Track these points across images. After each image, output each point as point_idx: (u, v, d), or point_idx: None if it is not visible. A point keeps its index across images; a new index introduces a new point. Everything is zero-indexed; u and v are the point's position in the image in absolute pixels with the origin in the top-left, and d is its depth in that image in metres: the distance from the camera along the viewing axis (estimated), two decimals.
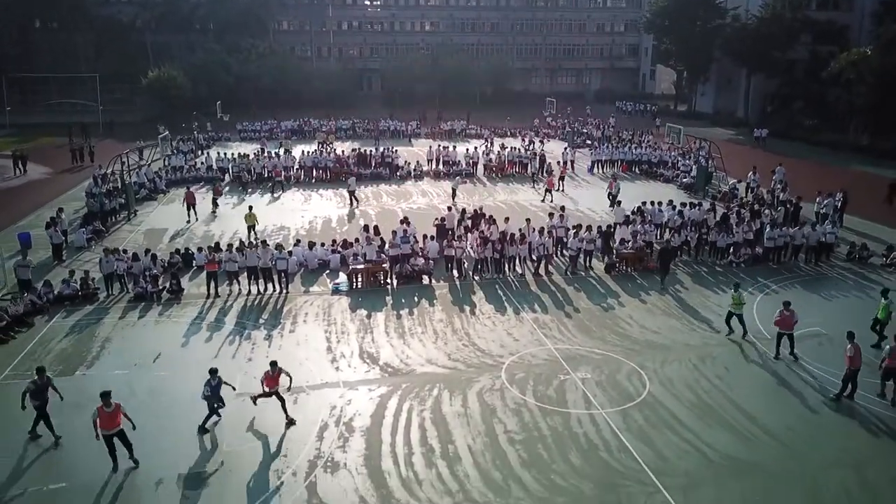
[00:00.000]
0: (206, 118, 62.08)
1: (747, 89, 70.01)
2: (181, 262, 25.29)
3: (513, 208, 34.83)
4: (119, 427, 13.26)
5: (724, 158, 41.73)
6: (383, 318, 20.83)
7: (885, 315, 18.96)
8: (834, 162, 49.69)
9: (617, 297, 22.58)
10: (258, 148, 48.38)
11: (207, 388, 14.74)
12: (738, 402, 15.96)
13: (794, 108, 63.38)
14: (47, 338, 19.54)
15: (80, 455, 14.01)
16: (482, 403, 15.83)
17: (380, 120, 64.72)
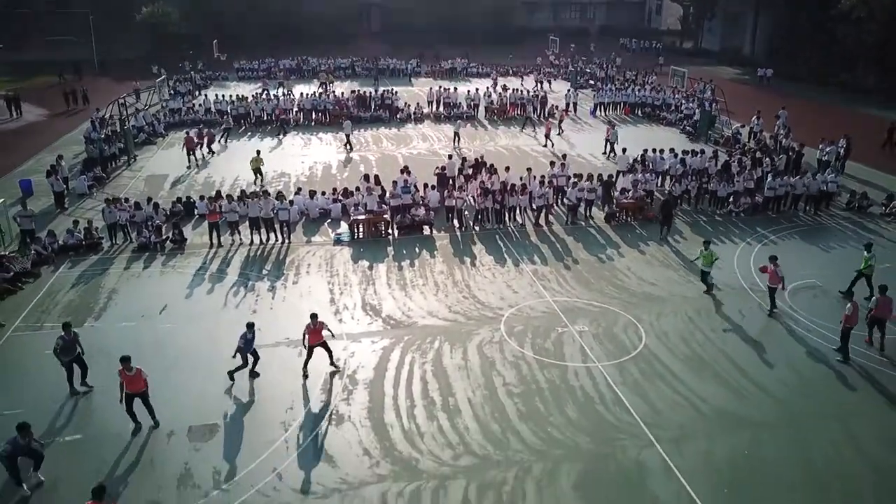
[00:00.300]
0: (201, 57, 61.03)
1: (754, 26, 68.45)
2: (183, 211, 25.44)
3: (514, 154, 34.67)
4: (142, 390, 13.58)
5: (727, 100, 41.32)
6: (385, 269, 21.09)
7: (867, 268, 19.19)
8: (840, 103, 49.13)
9: (616, 248, 22.78)
10: (258, 89, 47.90)
11: (242, 340, 15.09)
12: (732, 356, 16.36)
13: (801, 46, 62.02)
14: (54, 289, 19.85)
15: (95, 408, 14.48)
16: (482, 356, 16.25)
17: (379, 59, 63.67)
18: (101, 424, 13.94)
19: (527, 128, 40.34)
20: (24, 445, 12.15)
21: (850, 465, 12.82)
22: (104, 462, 12.86)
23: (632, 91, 46.01)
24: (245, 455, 12.97)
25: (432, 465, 12.69)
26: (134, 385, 13.49)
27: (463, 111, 43.38)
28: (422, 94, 51.06)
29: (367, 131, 39.89)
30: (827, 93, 53.51)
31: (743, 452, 13.06)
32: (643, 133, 39.50)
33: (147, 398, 13.67)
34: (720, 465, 12.79)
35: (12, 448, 12.04)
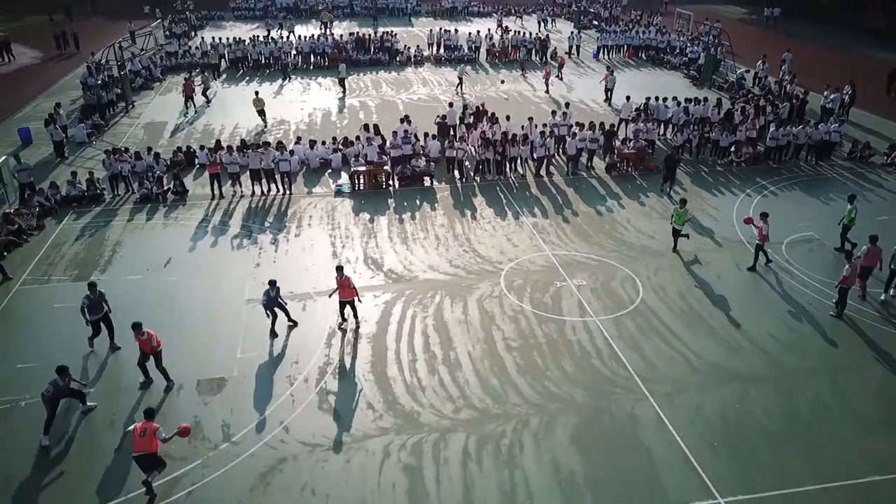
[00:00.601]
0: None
1: None
2: (184, 161, 25.43)
3: (515, 100, 34.36)
4: (157, 351, 13.92)
5: (733, 42, 40.65)
6: (386, 222, 21.26)
7: (850, 220, 19.43)
8: (848, 46, 48.29)
9: (617, 199, 22.89)
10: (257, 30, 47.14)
11: (265, 297, 15.37)
12: (726, 310, 16.69)
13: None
14: (59, 241, 20.08)
15: (107, 363, 14.87)
16: (482, 310, 16.59)
17: None
18: (113, 379, 14.37)
19: (526, 71, 39.76)
20: (63, 387, 12.81)
21: (834, 418, 13.27)
22: (116, 414, 13.33)
23: (636, 33, 45.16)
24: (252, 408, 13.43)
25: (433, 418, 13.17)
26: (146, 347, 13.88)
27: (464, 54, 42.75)
28: (422, 35, 50.19)
29: (367, 75, 39.41)
30: (835, 34, 52.54)
31: (733, 406, 13.51)
32: (646, 78, 39.02)
33: (160, 360, 14.03)
34: (710, 418, 13.25)
35: (54, 390, 12.67)
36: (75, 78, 38.51)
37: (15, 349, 15.20)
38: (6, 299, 17.07)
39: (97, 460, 12.22)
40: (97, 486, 11.67)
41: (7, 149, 27.64)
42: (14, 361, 14.76)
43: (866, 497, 11.52)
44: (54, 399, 12.68)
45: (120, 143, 27.95)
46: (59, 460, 12.27)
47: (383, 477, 11.81)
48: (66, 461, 12.26)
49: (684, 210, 19.19)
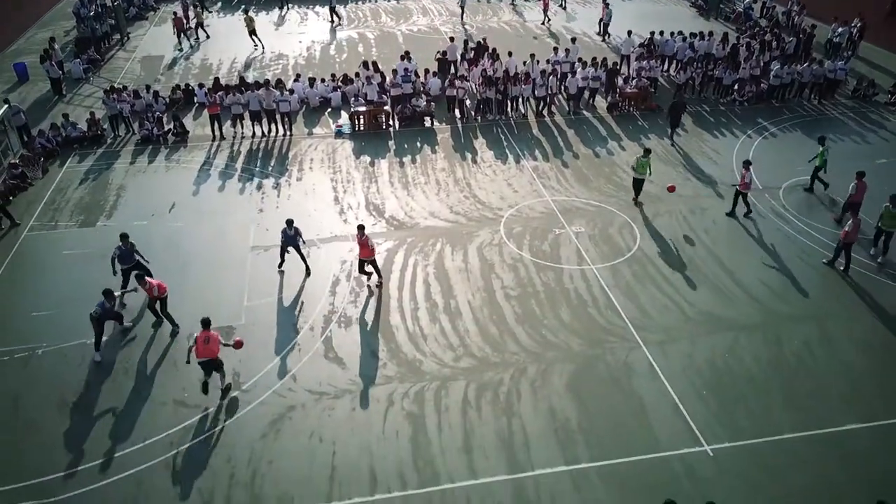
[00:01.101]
0: None
1: None
2: (183, 99, 25.26)
3: (517, 31, 33.71)
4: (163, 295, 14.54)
5: None
6: (387, 165, 21.35)
7: (821, 162, 19.67)
8: None
9: (618, 141, 22.90)
10: None
11: (283, 235, 15.88)
12: (720, 257, 17.05)
13: None
14: (63, 185, 20.25)
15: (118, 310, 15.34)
16: (481, 259, 16.95)
17: None
18: (126, 325, 14.84)
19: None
20: (109, 309, 13.79)
21: (820, 366, 13.83)
22: (130, 361, 13.89)
23: None
24: (261, 357, 13.98)
25: (435, 366, 13.74)
26: (150, 294, 14.46)
27: None
28: None
29: (366, 3, 38.46)
30: None
31: (723, 355, 14.06)
32: (650, 6, 38.07)
33: (165, 305, 14.53)
34: (701, 366, 13.82)
35: (102, 311, 13.66)
36: (67, 6, 37.61)
37: (28, 297, 15.65)
38: (16, 246, 17.41)
39: (117, 404, 12.85)
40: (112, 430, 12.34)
41: (4, 85, 27.46)
42: (29, 310, 15.24)
43: (845, 444, 12.17)
44: (101, 320, 13.76)
45: (117, 80, 27.69)
46: (78, 408, 12.89)
47: (387, 424, 12.46)
48: (82, 410, 12.88)
49: (647, 159, 18.70)
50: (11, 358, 13.94)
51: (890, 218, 16.50)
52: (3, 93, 26.58)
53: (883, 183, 20.18)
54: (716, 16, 36.13)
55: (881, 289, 16.05)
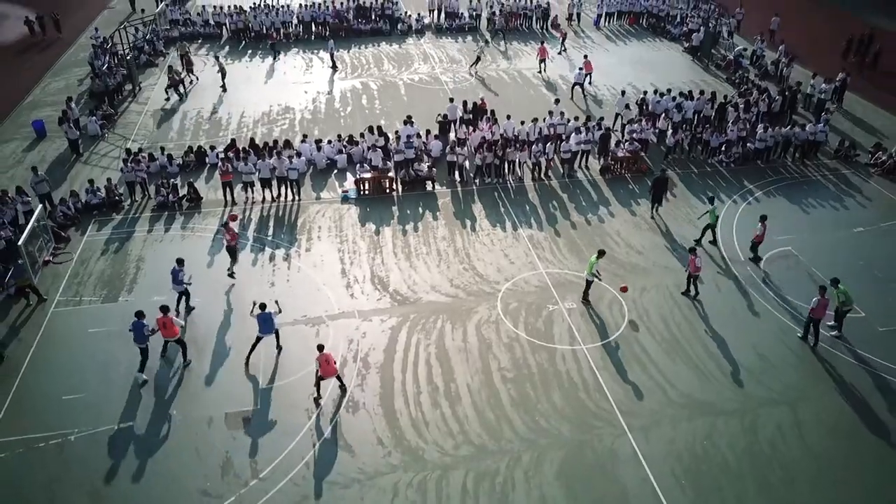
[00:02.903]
0: None
1: None
2: (195, 161, 26.48)
3: (515, 81, 34.99)
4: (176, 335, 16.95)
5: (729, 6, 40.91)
6: (391, 234, 22.55)
7: (713, 219, 21.23)
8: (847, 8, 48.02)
9: (608, 207, 24.11)
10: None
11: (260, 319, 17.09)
12: (703, 336, 18.27)
13: None
14: (85, 256, 21.44)
15: (144, 394, 16.49)
16: (479, 337, 18.16)
17: None
18: (153, 410, 16.03)
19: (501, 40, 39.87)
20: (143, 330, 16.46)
21: (792, 453, 15.03)
22: (155, 449, 15.07)
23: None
24: (276, 443, 15.17)
25: (436, 454, 14.94)
26: (169, 332, 16.57)
27: (465, 22, 42.79)
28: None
29: (368, 48, 39.68)
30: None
31: (702, 441, 15.27)
32: (645, 52, 39.37)
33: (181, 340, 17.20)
34: (681, 452, 15.03)
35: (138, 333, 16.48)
36: (79, 51, 38.88)
37: (59, 379, 16.84)
38: (44, 324, 18.61)
39: (144, 492, 14.05)
40: None
41: (23, 141, 28.77)
42: (60, 393, 16.44)
43: None
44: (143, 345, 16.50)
45: (131, 136, 28.96)
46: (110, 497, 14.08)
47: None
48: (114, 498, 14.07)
49: (596, 261, 18.97)
50: (47, 444, 15.14)
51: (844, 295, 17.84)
52: (23, 151, 27.94)
53: (858, 254, 21.58)
54: (707, 62, 37.39)
55: (847, 369, 17.29)
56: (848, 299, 18.03)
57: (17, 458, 14.82)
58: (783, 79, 34.16)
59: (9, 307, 19.25)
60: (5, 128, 29.96)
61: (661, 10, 43.58)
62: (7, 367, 17.16)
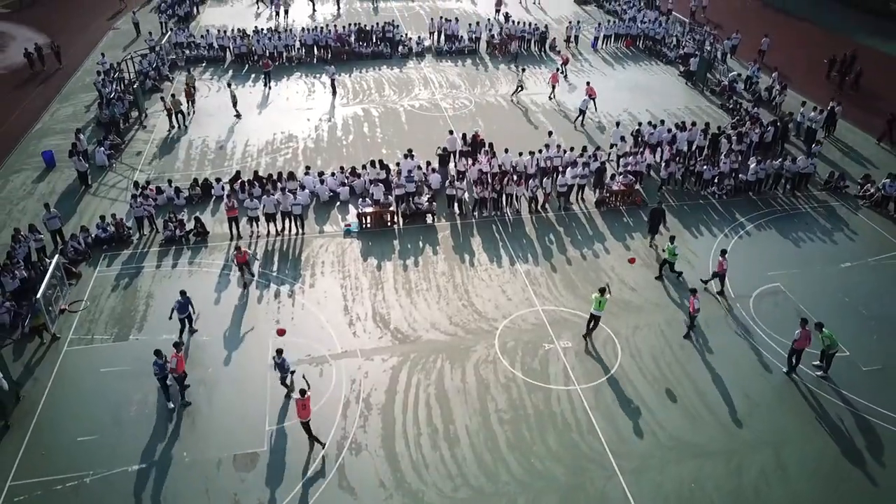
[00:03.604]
0: None
1: None
2: (201, 194, 27.19)
3: (514, 109, 35.64)
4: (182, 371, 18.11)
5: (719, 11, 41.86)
6: (392, 269, 23.26)
7: (671, 256, 22.21)
8: (838, 28, 48.92)
9: (603, 242, 24.80)
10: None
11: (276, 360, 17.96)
12: (693, 376, 18.97)
13: None
14: (96, 292, 22.13)
15: (155, 434, 17.20)
16: (478, 377, 18.86)
17: None
18: (164, 452, 16.74)
19: (516, 66, 40.57)
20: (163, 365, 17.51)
21: (774, 497, 15.76)
22: (167, 492, 15.78)
23: (631, 21, 45.82)
24: (284, 484, 15.87)
25: (436, 497, 15.63)
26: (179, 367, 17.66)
27: (464, 45, 43.51)
28: (422, 13, 50.90)
29: (369, 72, 40.39)
30: (825, 10, 53.41)
31: (689, 485, 15.97)
32: (642, 76, 40.12)
33: (183, 380, 18.02)
34: (669, 495, 15.73)
35: (160, 369, 17.41)
36: (85, 75, 39.58)
37: (73, 420, 17.53)
38: (57, 364, 19.30)
39: None
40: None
41: (33, 171, 29.47)
42: (74, 434, 17.13)
43: None
44: (162, 377, 17.46)
45: (138, 166, 29.65)
46: None
47: None
48: None
49: (605, 298, 19.55)
50: (64, 486, 15.84)
51: (829, 339, 18.53)
52: (33, 182, 28.65)
53: (845, 291, 22.26)
54: (702, 88, 38.10)
55: (831, 410, 17.99)
56: (833, 343, 18.75)
57: (35, 500, 15.53)
58: (776, 106, 34.89)
59: (23, 345, 19.95)
60: (15, 157, 30.68)
61: (658, 34, 44.28)
62: (23, 407, 17.87)
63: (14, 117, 34.48)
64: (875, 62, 40.42)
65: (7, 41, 46.06)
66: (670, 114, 34.94)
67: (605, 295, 19.62)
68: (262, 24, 45.70)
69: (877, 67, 39.54)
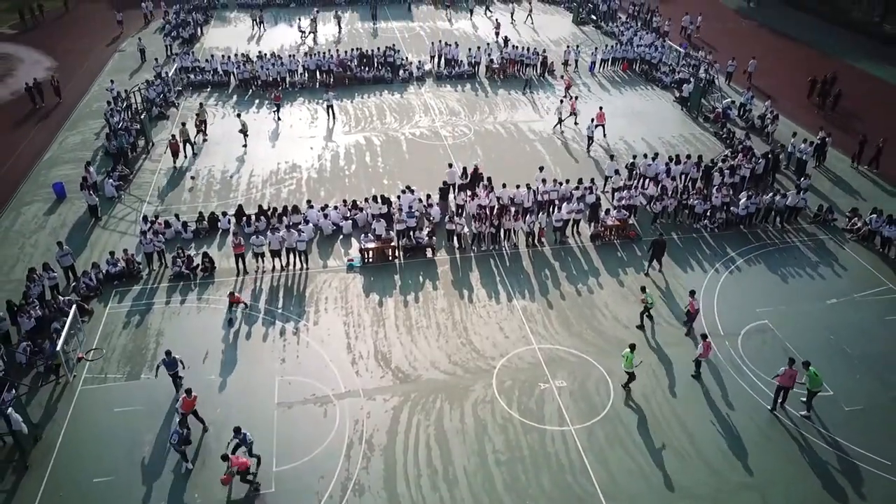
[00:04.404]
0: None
1: None
2: (207, 227, 28.00)
3: (511, 135, 36.53)
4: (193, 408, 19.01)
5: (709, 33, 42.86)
6: (393, 306, 24.06)
7: (650, 303, 23.00)
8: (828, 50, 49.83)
9: (597, 277, 25.60)
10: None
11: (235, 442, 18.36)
12: (682, 417, 19.75)
13: None
14: (108, 330, 22.92)
15: (172, 479, 18.03)
16: (476, 418, 19.65)
17: None
18: (177, 493, 17.52)
19: (529, 91, 41.45)
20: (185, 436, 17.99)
21: None
22: None
23: (629, 44, 46.69)
24: None
25: None
26: (188, 406, 18.51)
27: (464, 70, 44.34)
28: (422, 33, 51.95)
29: (371, 98, 41.24)
30: (816, 30, 54.41)
31: None
32: (638, 101, 40.97)
33: (196, 413, 19.00)
34: None
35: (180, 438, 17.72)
36: (93, 100, 40.45)
37: (89, 461, 18.31)
38: (73, 403, 20.09)
39: None
40: None
41: (44, 203, 30.27)
42: (90, 476, 17.91)
43: None
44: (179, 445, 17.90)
45: (146, 197, 30.46)
46: None
47: None
48: None
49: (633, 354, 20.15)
50: None
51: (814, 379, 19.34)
52: (44, 214, 29.46)
53: (830, 328, 23.05)
54: (696, 115, 38.91)
55: (816, 450, 18.76)
56: (815, 382, 19.55)
57: None
58: (768, 135, 35.72)
59: (38, 383, 20.74)
60: (27, 188, 31.50)
61: (654, 58, 45.12)
62: (41, 448, 18.66)
63: (25, 144, 35.32)
64: (862, 83, 41.43)
65: (15, 64, 46.92)
66: (665, 142, 35.83)
67: (634, 352, 20.27)
68: (265, 48, 46.59)
69: (866, 90, 40.53)
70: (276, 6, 59.75)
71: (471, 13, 56.41)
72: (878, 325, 23.29)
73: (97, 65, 46.65)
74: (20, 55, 48.42)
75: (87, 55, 48.22)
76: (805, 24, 56.98)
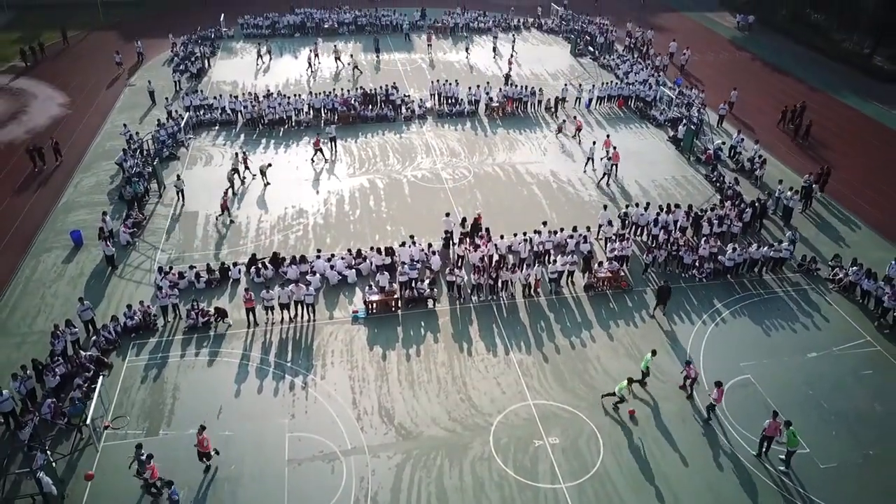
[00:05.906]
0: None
1: None
2: (219, 278, 29.39)
3: (510, 178, 37.88)
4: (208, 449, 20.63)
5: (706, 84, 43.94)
6: (396, 359, 25.40)
7: (645, 367, 24.22)
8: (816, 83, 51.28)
9: (590, 329, 26.96)
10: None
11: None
12: (666, 471, 21.08)
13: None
14: (128, 384, 24.26)
15: None
16: (474, 476, 20.98)
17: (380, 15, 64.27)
18: None
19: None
20: None
21: None
22: None
23: (625, 76, 48.09)
24: None
25: None
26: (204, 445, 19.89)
27: (464, 108, 45.71)
28: (423, 65, 53.45)
29: (374, 137, 42.60)
30: (806, 60, 55.81)
31: None
32: (632, 141, 42.32)
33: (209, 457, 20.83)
34: None
35: None
36: (105, 140, 41.83)
37: None
38: (96, 461, 21.45)
39: None
40: None
41: (62, 251, 31.62)
42: None
43: None
44: None
45: (160, 244, 31.82)
46: None
47: None
48: None
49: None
50: None
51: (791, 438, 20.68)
52: (62, 262, 30.78)
53: (809, 383, 24.37)
54: (688, 156, 40.26)
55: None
56: (793, 442, 20.89)
57: None
58: (757, 178, 37.08)
59: (60, 439, 22.07)
60: (44, 235, 32.84)
61: (648, 95, 46.49)
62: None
63: (34, 198, 36.74)
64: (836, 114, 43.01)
65: (28, 100, 48.34)
66: (657, 185, 37.19)
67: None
68: (271, 80, 47.97)
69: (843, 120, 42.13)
70: (281, 36, 61.19)
71: (467, 50, 57.65)
72: (854, 380, 24.63)
73: (107, 102, 47.95)
74: (33, 90, 49.83)
75: (97, 91, 49.55)
76: (798, 56, 58.36)
